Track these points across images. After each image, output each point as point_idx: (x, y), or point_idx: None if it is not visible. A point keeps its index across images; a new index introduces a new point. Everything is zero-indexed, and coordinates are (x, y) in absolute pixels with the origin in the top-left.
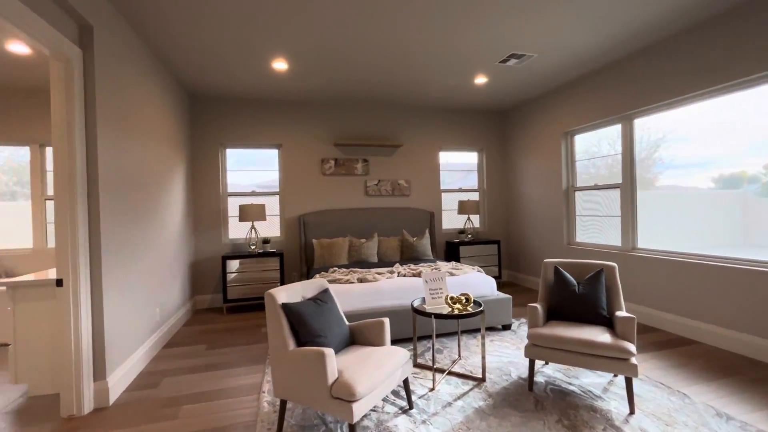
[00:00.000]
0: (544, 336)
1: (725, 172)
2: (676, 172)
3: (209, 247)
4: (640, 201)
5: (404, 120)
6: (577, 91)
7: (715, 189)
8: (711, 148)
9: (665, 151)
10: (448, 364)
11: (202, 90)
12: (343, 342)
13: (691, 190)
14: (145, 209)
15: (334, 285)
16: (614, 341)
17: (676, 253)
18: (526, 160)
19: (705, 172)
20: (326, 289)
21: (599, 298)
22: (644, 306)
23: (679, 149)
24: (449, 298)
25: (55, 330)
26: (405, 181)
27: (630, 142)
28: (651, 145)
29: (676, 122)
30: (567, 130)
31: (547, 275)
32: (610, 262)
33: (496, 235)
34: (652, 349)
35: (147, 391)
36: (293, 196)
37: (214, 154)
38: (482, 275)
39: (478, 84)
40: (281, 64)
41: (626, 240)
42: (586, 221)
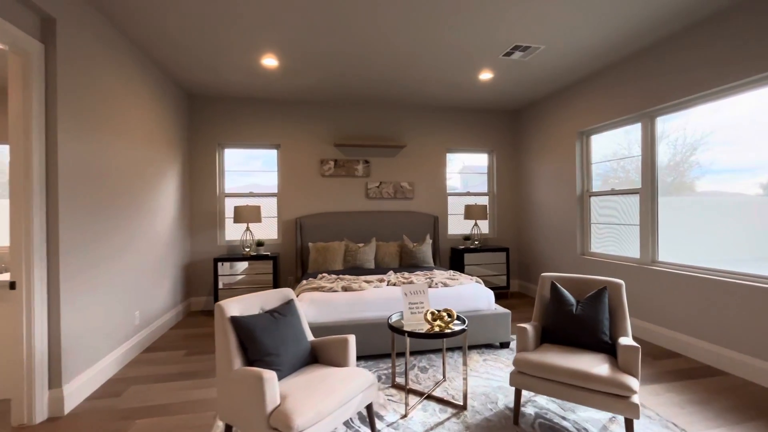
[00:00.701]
0: (531, 363)
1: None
2: (719, 177)
3: (205, 248)
4: (674, 208)
5: (408, 120)
6: (593, 88)
7: (764, 196)
8: (759, 151)
9: (705, 153)
10: (430, 386)
11: (200, 90)
12: (301, 361)
13: (737, 196)
14: (123, 209)
15: (315, 293)
16: (612, 374)
17: (705, 269)
18: (538, 162)
19: (754, 177)
20: (290, 301)
21: (600, 320)
22: (665, 328)
23: (721, 151)
24: (429, 314)
25: (7, 334)
26: (408, 184)
27: (651, 142)
28: (687, 148)
29: (718, 121)
30: (582, 129)
31: (544, 291)
32: (617, 279)
33: (506, 242)
34: (670, 379)
35: (107, 400)
36: (291, 197)
37: (212, 154)
38: (480, 287)
39: (483, 80)
40: (271, 60)
41: (645, 252)
42: (602, 230)
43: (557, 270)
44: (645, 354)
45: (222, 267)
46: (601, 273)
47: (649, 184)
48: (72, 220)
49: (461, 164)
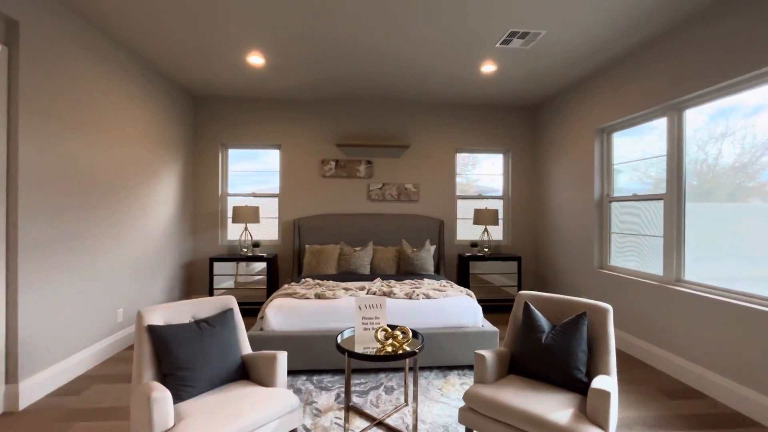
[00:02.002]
0: (482, 399)
1: None
2: None
3: (206, 247)
4: (728, 216)
5: (413, 118)
6: (611, 78)
7: None
8: None
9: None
10: (388, 410)
11: (202, 91)
12: (224, 377)
13: None
14: (101, 209)
15: (286, 300)
16: (571, 425)
17: (745, 295)
18: (556, 162)
19: None
20: (229, 310)
21: (573, 353)
22: (687, 360)
23: None
24: (381, 332)
25: None
26: (413, 186)
27: (678, 139)
28: (757, 147)
29: None
30: (601, 126)
31: (518, 313)
32: (602, 304)
33: (520, 250)
34: (683, 426)
35: (64, 398)
36: (292, 198)
37: (215, 154)
38: (467, 301)
39: (486, 73)
40: (256, 58)
41: (669, 268)
42: (622, 240)
43: (573, 285)
44: (658, 390)
45: (219, 267)
46: (617, 289)
47: (674, 188)
48: (34, 219)
49: (481, 165)
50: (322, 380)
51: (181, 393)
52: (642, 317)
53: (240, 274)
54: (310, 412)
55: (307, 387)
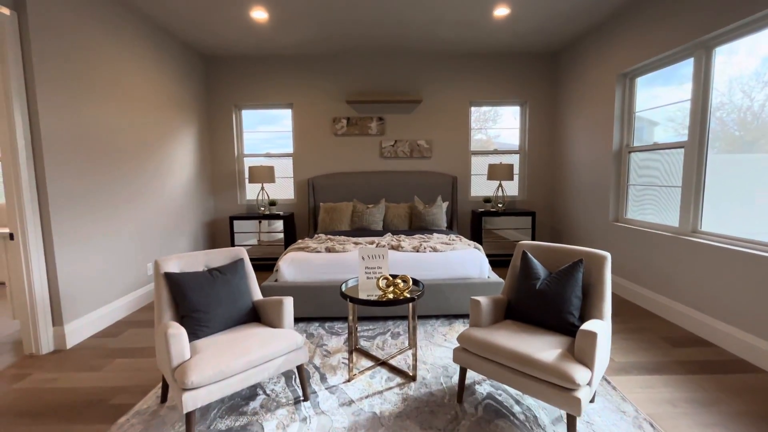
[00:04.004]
0: (474, 340)
1: None
2: None
3: (226, 206)
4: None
5: (424, 71)
6: (634, 18)
7: None
8: None
9: None
10: (393, 352)
11: (213, 51)
12: (236, 319)
13: None
14: (123, 170)
15: (298, 253)
16: (556, 362)
17: (757, 243)
18: (574, 113)
19: None
20: (240, 260)
21: (566, 299)
22: (697, 311)
23: None
24: (383, 280)
25: (15, 278)
26: (426, 142)
27: (705, 81)
28: None
29: None
30: (624, 71)
31: (517, 261)
32: (601, 251)
33: (535, 205)
34: (683, 371)
35: (105, 339)
36: (305, 157)
37: (229, 115)
38: (475, 253)
39: (498, 17)
40: (260, 13)
41: (685, 219)
42: (640, 192)
43: (587, 238)
44: (662, 338)
45: (239, 225)
46: (631, 242)
47: (696, 135)
48: (61, 180)
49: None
50: (333, 326)
51: (197, 332)
52: (654, 268)
53: (262, 231)
54: (321, 353)
55: (319, 332)
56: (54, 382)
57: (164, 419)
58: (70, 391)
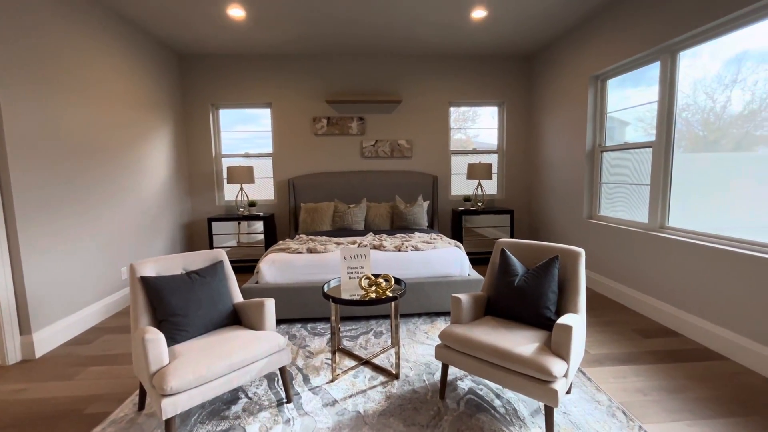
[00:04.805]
0: (455, 336)
1: None
2: None
3: (204, 208)
4: (737, 165)
5: (404, 72)
6: (604, 23)
7: None
8: None
9: None
10: (376, 351)
11: (187, 49)
12: (217, 322)
13: None
14: (98, 170)
15: (279, 254)
16: (534, 356)
17: (723, 239)
18: (550, 114)
19: None
20: (219, 262)
21: (543, 294)
22: (666, 303)
23: None
24: (365, 280)
25: None
26: (406, 142)
27: (670, 84)
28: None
29: None
30: (595, 73)
31: (496, 259)
32: (575, 248)
33: (514, 203)
34: (651, 360)
35: (77, 347)
36: (285, 157)
37: (206, 114)
38: (456, 251)
39: (477, 19)
40: (237, 10)
41: (654, 215)
42: (612, 190)
43: (563, 235)
44: (634, 330)
45: (217, 226)
46: (604, 238)
47: (663, 135)
48: (27, 182)
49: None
50: (315, 327)
51: (176, 336)
52: (626, 263)
53: (242, 233)
54: (303, 355)
55: (302, 333)
56: (22, 393)
57: (142, 427)
58: (41, 402)
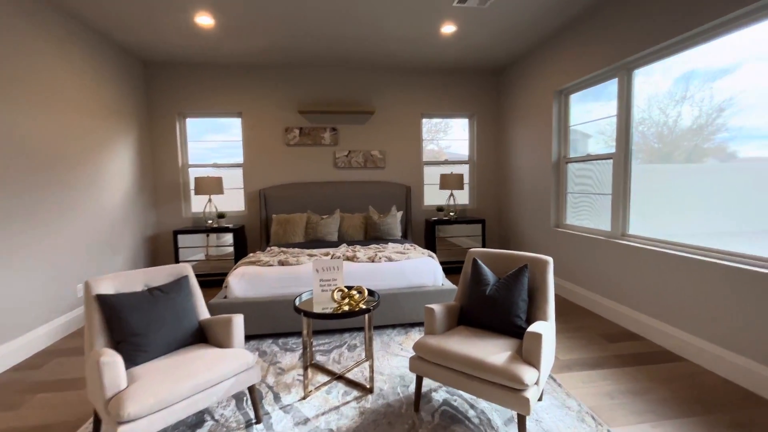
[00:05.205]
0: (429, 348)
1: None
2: (757, 143)
3: (169, 220)
4: (685, 176)
5: (377, 83)
6: (567, 40)
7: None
8: None
9: (746, 116)
10: (350, 365)
11: (154, 57)
12: (181, 341)
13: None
14: (55, 182)
15: (249, 267)
16: (506, 365)
17: (679, 245)
18: (518, 126)
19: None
20: (184, 277)
21: (514, 302)
22: (629, 307)
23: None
24: (338, 292)
25: None
26: (379, 152)
27: (627, 100)
28: (713, 109)
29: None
30: (559, 88)
31: (468, 268)
32: (544, 256)
33: (485, 212)
34: (617, 364)
35: (25, 372)
36: (256, 168)
37: (172, 123)
38: (429, 261)
39: (447, 34)
40: (206, 18)
41: (616, 224)
42: (577, 199)
43: (532, 244)
44: (600, 335)
45: (184, 239)
46: (571, 246)
47: (622, 147)
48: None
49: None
50: (287, 342)
51: (135, 357)
52: (591, 270)
53: (211, 245)
54: (274, 372)
55: (273, 349)
56: None
57: None
58: None
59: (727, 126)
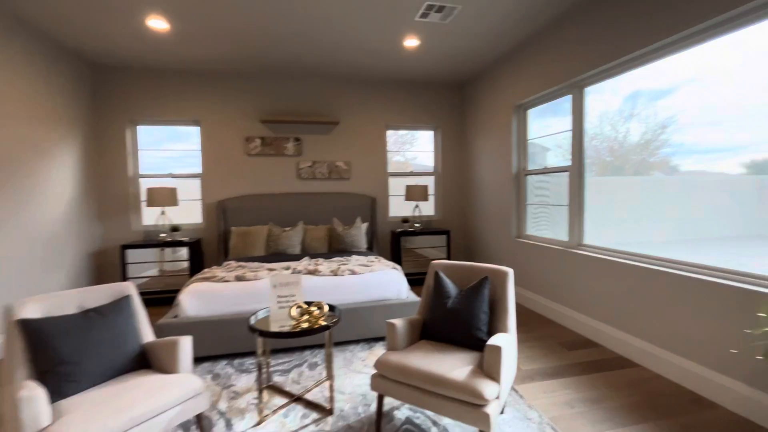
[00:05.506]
0: (390, 365)
1: (756, 157)
2: (705, 157)
3: (117, 234)
4: (634, 188)
5: (342, 94)
6: (525, 57)
7: (746, 174)
8: (731, 129)
9: (686, 133)
10: (310, 385)
11: (102, 60)
12: (120, 368)
13: (720, 176)
14: None
15: (202, 284)
16: (467, 380)
17: (628, 254)
18: (480, 139)
19: (735, 156)
20: (125, 297)
21: (475, 315)
22: (585, 315)
23: (697, 131)
24: (296, 309)
25: None
26: (344, 163)
27: (580, 116)
28: (658, 126)
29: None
30: (518, 103)
31: (430, 281)
32: (504, 267)
33: (451, 224)
34: (575, 372)
35: None
36: (215, 178)
37: (122, 131)
38: (393, 274)
39: (410, 47)
40: (159, 22)
41: (572, 234)
42: (537, 210)
43: (495, 255)
44: (560, 344)
45: (133, 254)
46: (531, 256)
47: (577, 160)
48: None
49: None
50: (243, 363)
51: (64, 389)
52: (551, 280)
53: (165, 260)
54: (227, 396)
55: (227, 371)
56: None
57: None
58: None
59: (669, 142)
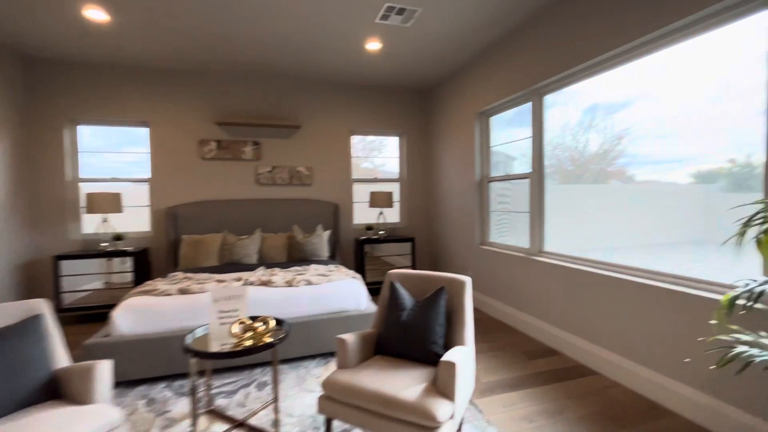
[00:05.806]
0: (338, 385)
1: (702, 168)
2: (657, 167)
3: (51, 243)
4: (593, 195)
5: (304, 97)
6: (487, 64)
7: (694, 184)
8: (680, 141)
9: (640, 145)
10: (256, 408)
11: (34, 51)
12: (20, 401)
13: (671, 186)
14: None
15: (140, 298)
16: (419, 400)
17: (586, 261)
18: (444, 146)
19: (684, 167)
20: (35, 317)
21: (430, 328)
22: (546, 323)
23: (651, 143)
24: (238, 325)
25: None
26: (306, 169)
27: (539, 123)
28: (614, 137)
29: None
30: (480, 110)
31: (385, 293)
32: (461, 276)
33: (416, 231)
34: (536, 383)
35: None
36: (165, 183)
37: (59, 130)
38: (353, 284)
39: (372, 50)
40: (97, 12)
41: (533, 241)
42: (500, 217)
43: (459, 262)
44: (522, 353)
45: (70, 266)
46: (495, 263)
47: (537, 167)
48: None
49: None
50: (184, 385)
51: None
52: (514, 287)
53: (108, 272)
54: (161, 424)
55: (164, 395)
56: None
57: None
58: None
59: (625, 152)
